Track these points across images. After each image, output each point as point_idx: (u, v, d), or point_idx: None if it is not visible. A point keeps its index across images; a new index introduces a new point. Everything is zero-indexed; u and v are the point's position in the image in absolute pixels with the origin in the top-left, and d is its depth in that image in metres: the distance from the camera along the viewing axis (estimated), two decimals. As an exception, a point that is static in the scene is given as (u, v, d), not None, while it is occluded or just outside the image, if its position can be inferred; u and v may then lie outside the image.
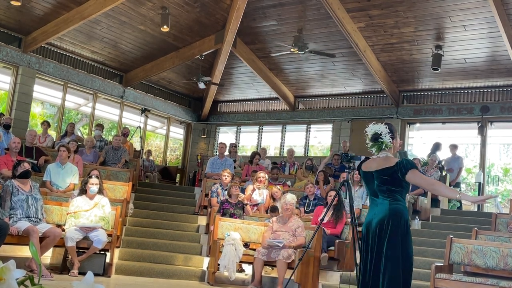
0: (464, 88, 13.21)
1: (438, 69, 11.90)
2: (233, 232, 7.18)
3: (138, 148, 13.16)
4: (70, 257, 6.41)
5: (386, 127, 4.04)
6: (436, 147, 12.24)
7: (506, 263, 5.52)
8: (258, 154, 11.54)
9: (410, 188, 6.38)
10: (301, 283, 6.42)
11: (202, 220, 9.17)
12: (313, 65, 13.85)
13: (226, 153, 11.79)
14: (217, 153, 11.56)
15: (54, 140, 11.67)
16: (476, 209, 12.09)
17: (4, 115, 11.33)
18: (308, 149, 15.74)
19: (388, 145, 3.99)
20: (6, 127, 10.17)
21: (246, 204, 8.24)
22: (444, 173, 11.44)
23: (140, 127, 13.53)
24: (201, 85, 14.15)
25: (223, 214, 7.74)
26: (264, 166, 11.25)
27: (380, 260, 3.86)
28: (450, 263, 5.84)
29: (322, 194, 9.00)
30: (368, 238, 3.95)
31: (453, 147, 12.20)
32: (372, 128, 4.07)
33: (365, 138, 4.12)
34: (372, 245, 3.90)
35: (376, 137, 4.01)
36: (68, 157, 8.41)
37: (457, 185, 11.95)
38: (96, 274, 6.18)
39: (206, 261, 7.67)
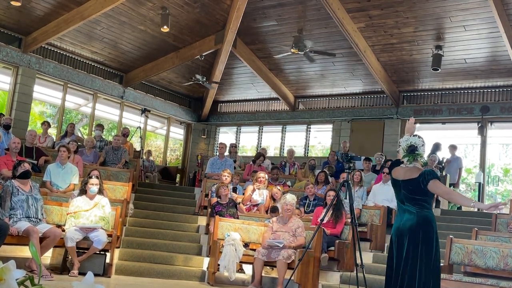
0: (464, 88, 13.21)
1: (438, 69, 11.91)
2: (233, 233, 7.18)
3: (138, 148, 13.16)
4: (70, 257, 6.41)
5: (421, 140, 4.30)
6: (436, 147, 12.24)
7: (506, 263, 5.52)
8: (263, 155, 11.53)
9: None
10: (301, 283, 6.41)
11: (202, 221, 9.16)
12: (313, 65, 13.84)
13: (226, 153, 11.79)
14: (217, 154, 11.56)
15: (54, 140, 11.67)
16: (476, 210, 12.08)
17: (4, 115, 11.33)
18: (308, 149, 15.75)
19: (422, 156, 4.34)
20: (6, 127, 10.17)
21: (239, 203, 8.23)
22: (444, 173, 11.44)
23: (140, 127, 13.53)
24: (208, 86, 14.17)
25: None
26: (264, 166, 11.25)
27: (415, 266, 4.05)
28: (450, 263, 5.84)
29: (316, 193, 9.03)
30: (400, 244, 4.15)
31: (452, 148, 12.20)
32: (408, 140, 4.30)
33: (398, 148, 4.38)
34: (408, 251, 4.10)
35: (413, 149, 4.26)
36: (68, 157, 8.41)
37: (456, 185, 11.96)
38: (96, 275, 6.17)
39: (206, 261, 7.67)
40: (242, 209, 8.22)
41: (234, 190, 8.49)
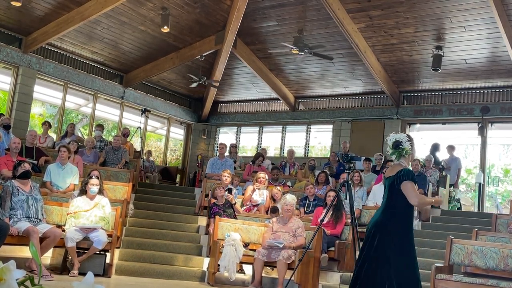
0: (464, 89, 13.21)
1: (439, 70, 11.90)
2: (233, 233, 7.18)
3: (138, 148, 13.16)
4: (70, 257, 6.41)
5: (405, 136, 4.38)
6: (435, 147, 12.24)
7: (506, 263, 5.52)
8: (262, 156, 11.51)
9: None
10: (301, 283, 6.41)
11: (202, 221, 9.16)
12: (313, 65, 13.85)
13: (226, 153, 11.79)
14: (217, 154, 11.56)
15: (55, 140, 11.66)
16: (476, 210, 12.09)
17: (4, 115, 11.32)
18: (308, 149, 15.74)
19: (408, 152, 4.33)
20: (6, 127, 10.15)
21: (235, 204, 8.21)
22: (444, 174, 11.43)
23: (140, 127, 13.54)
24: (211, 82, 14.22)
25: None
26: (264, 167, 11.25)
27: (371, 261, 4.09)
28: (450, 263, 5.84)
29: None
30: (366, 241, 4.22)
31: (451, 148, 12.19)
32: (393, 137, 4.38)
33: (387, 147, 4.48)
34: (368, 247, 4.16)
35: (397, 145, 4.32)
36: (69, 157, 8.41)
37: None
38: (96, 275, 6.17)
39: (206, 261, 7.67)
40: (238, 210, 8.20)
41: (230, 191, 8.44)
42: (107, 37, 13.08)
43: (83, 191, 6.90)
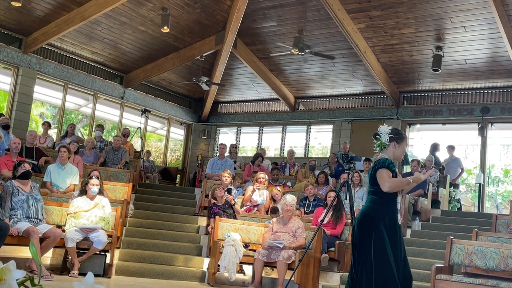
0: (464, 89, 13.20)
1: (439, 70, 11.90)
2: (233, 233, 7.18)
3: (138, 149, 13.15)
4: (70, 257, 6.41)
5: (389, 128, 4.16)
6: (434, 147, 12.23)
7: (506, 264, 5.52)
8: (261, 156, 11.51)
9: (410, 189, 6.38)
10: (301, 284, 6.41)
11: (202, 221, 9.17)
12: (313, 66, 13.85)
13: (226, 154, 11.79)
14: (218, 154, 11.56)
15: (55, 140, 11.66)
16: (476, 210, 12.10)
17: (3, 115, 11.31)
18: (308, 150, 15.74)
19: (383, 144, 4.12)
20: (5, 127, 10.13)
21: (234, 204, 8.21)
22: (444, 174, 11.44)
23: (140, 128, 13.53)
24: (204, 87, 14.16)
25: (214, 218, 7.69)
26: (264, 167, 11.24)
27: (355, 260, 4.04)
28: (450, 264, 5.84)
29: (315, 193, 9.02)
30: (357, 237, 4.14)
31: (450, 148, 12.19)
32: (381, 128, 4.23)
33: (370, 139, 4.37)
34: (353, 245, 4.11)
35: (375, 134, 4.17)
36: (69, 157, 8.41)
37: (457, 186, 11.95)
38: (96, 275, 6.18)
39: (206, 262, 7.68)
40: (238, 211, 8.20)
41: (229, 191, 8.44)
42: (107, 37, 13.08)
43: (83, 191, 6.91)
